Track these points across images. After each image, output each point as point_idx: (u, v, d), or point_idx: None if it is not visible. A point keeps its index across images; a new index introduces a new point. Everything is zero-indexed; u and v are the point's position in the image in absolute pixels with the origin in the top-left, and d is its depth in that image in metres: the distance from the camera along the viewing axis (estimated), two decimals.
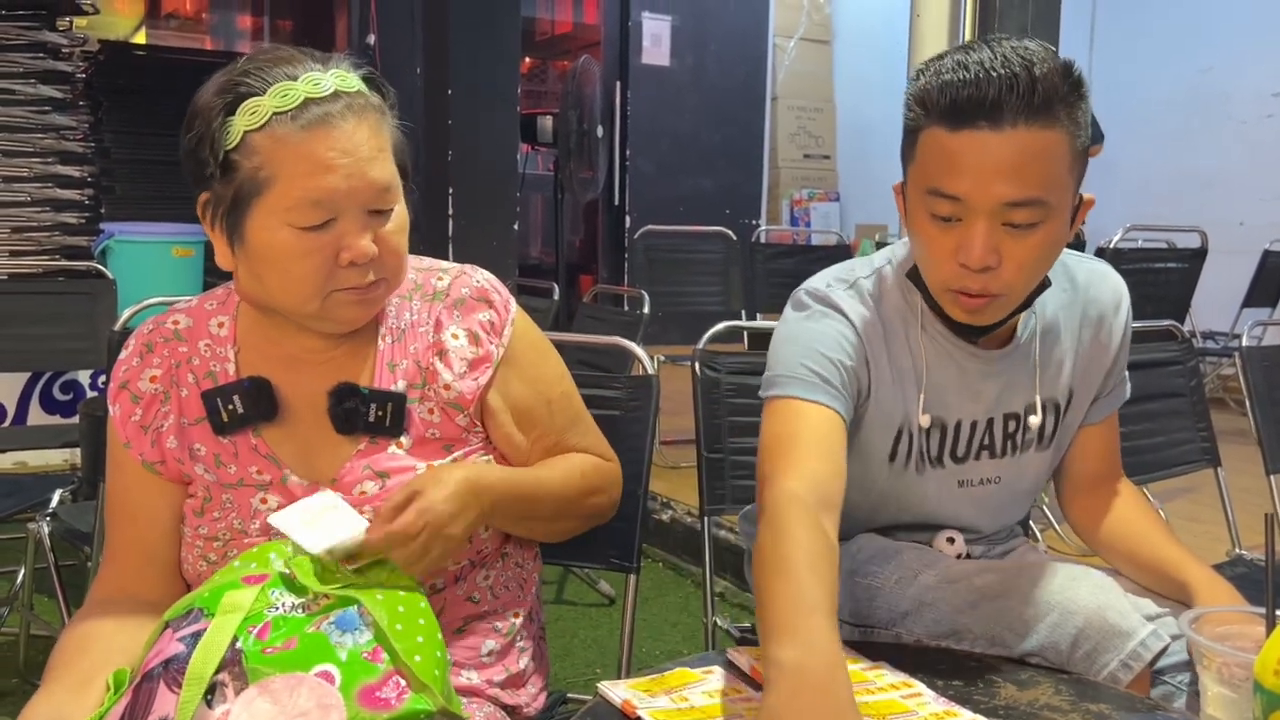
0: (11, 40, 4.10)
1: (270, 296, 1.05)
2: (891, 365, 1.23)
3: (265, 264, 1.02)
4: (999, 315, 1.17)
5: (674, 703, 0.93)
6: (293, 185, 0.98)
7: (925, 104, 1.10)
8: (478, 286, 1.15)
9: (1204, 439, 2.10)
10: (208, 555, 1.08)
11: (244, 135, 0.99)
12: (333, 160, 0.98)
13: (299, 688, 0.83)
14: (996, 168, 1.06)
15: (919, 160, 1.12)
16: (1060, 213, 1.11)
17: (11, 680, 2.39)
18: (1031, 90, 1.04)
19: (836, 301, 1.22)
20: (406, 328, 1.13)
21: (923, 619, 1.18)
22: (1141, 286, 3.90)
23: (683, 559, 3.35)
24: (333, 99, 1.00)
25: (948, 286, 1.14)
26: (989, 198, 1.07)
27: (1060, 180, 1.09)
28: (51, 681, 0.98)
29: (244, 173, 0.99)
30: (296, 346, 1.10)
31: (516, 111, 4.86)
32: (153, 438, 1.09)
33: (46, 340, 2.84)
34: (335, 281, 1.02)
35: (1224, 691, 0.89)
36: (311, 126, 0.98)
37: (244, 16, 6.48)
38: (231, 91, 1.00)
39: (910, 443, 1.25)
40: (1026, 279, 1.13)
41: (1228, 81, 5.49)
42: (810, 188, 7.21)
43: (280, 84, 0.99)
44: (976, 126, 1.06)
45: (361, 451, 1.09)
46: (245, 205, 1.00)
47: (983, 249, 1.08)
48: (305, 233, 0.99)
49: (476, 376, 1.12)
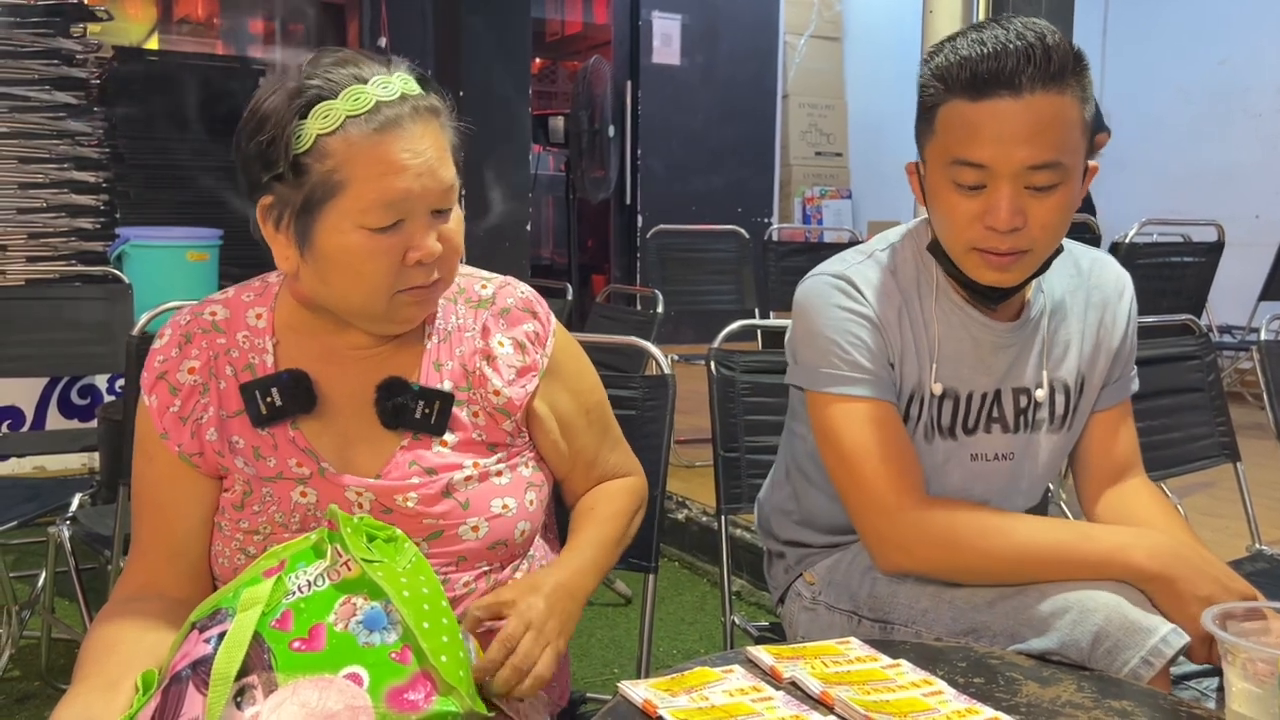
0: (26, 47, 4.13)
1: (336, 298, 1.06)
2: (908, 333, 1.27)
3: (335, 266, 1.03)
4: (1025, 273, 1.21)
5: (694, 702, 0.93)
6: (367, 188, 0.99)
7: (945, 79, 1.15)
8: (522, 298, 1.18)
9: (1223, 434, 2.09)
10: (247, 548, 1.09)
11: (316, 138, 0.99)
12: (405, 162, 1.00)
13: (328, 690, 0.84)
14: (1017, 134, 1.12)
15: (939, 134, 1.17)
16: (1075, 175, 1.17)
17: (34, 683, 2.41)
18: (1047, 59, 1.11)
19: (857, 281, 1.27)
20: (453, 330, 1.15)
21: (942, 616, 1.18)
22: (1158, 281, 3.88)
23: (699, 558, 3.35)
24: (400, 101, 1.01)
25: (973, 246, 1.19)
26: (1012, 162, 1.13)
27: (1075, 144, 1.15)
28: (79, 683, 0.98)
29: (316, 176, 1.00)
30: (339, 342, 1.11)
31: (528, 112, 4.87)
32: (192, 429, 1.09)
33: (64, 345, 2.86)
34: (402, 281, 1.04)
35: (1249, 687, 0.88)
36: (384, 129, 1.00)
37: (255, 21, 6.51)
38: (303, 95, 1.01)
39: (921, 410, 1.28)
40: (1050, 237, 1.19)
41: (1244, 74, 5.46)
42: (822, 185, 7.20)
43: (351, 87, 1.00)
44: (997, 96, 1.12)
45: (405, 447, 1.10)
46: (317, 208, 1.01)
47: (1009, 211, 1.14)
48: (376, 234, 1.01)
49: (524, 384, 1.14)
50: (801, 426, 1.37)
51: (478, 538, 1.10)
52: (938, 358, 1.27)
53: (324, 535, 0.99)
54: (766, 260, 4.45)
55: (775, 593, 1.47)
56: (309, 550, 0.98)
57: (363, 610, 0.92)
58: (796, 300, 1.31)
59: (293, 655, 0.88)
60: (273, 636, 0.90)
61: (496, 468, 1.13)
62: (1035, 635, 1.09)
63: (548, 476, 1.20)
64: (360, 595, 0.93)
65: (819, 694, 0.94)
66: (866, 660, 1.03)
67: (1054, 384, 1.32)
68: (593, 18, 7.36)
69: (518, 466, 1.15)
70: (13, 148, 4.14)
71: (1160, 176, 5.67)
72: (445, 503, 1.09)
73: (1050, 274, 1.32)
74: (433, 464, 1.10)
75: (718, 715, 0.91)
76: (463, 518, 1.09)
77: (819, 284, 1.29)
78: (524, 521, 1.13)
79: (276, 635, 0.90)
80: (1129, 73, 5.74)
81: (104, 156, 4.40)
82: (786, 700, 0.94)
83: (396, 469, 1.09)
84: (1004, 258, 1.18)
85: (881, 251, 1.31)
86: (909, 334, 1.27)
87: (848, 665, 1.02)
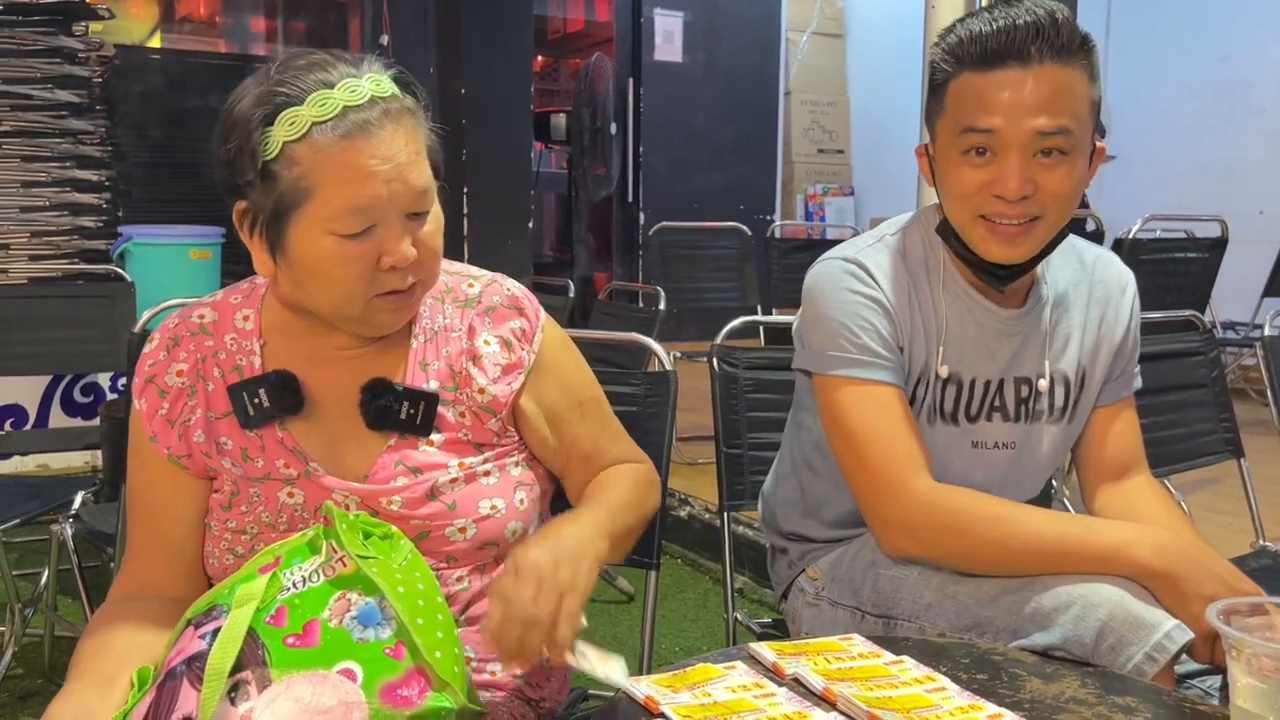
0: (28, 46, 4.13)
1: (313, 303, 1.06)
2: (916, 316, 1.28)
3: (308, 272, 1.02)
4: (1034, 247, 1.21)
5: (696, 698, 0.93)
6: (334, 194, 0.98)
7: (956, 55, 1.18)
8: (509, 294, 1.16)
9: (1226, 430, 2.08)
10: (235, 549, 1.09)
11: (284, 146, 0.99)
12: (373, 168, 0.98)
13: (322, 685, 0.83)
14: (1027, 101, 1.14)
15: (949, 107, 1.20)
16: (1082, 149, 1.18)
17: (37, 681, 2.41)
18: (1056, 31, 1.15)
19: (869, 264, 1.28)
20: (440, 329, 1.14)
21: (945, 611, 1.17)
22: (1161, 277, 3.87)
23: (701, 555, 3.34)
24: (370, 105, 1.00)
25: (980, 213, 1.20)
26: (1021, 130, 1.15)
27: (1083, 115, 1.17)
28: (75, 679, 0.98)
29: (284, 183, 0.99)
30: (326, 343, 1.11)
31: (530, 110, 4.86)
32: (180, 431, 1.10)
33: (66, 343, 2.86)
34: (376, 286, 1.03)
35: (1254, 683, 0.88)
36: (351, 135, 0.98)
37: (257, 19, 6.51)
38: (269, 102, 0.99)
39: (926, 393, 1.28)
40: (1061, 207, 1.20)
41: (1247, 70, 5.44)
42: (824, 182, 7.19)
43: (317, 92, 0.99)
44: (1007, 66, 1.15)
45: (391, 447, 1.09)
46: (286, 215, 1.00)
47: (1019, 180, 1.16)
48: (347, 240, 1.00)
49: (510, 381, 1.13)
50: (808, 416, 1.37)
51: (465, 539, 1.09)
52: (944, 341, 1.28)
53: (319, 531, 0.98)
54: (769, 257, 4.45)
55: (778, 588, 1.47)
56: (304, 546, 0.98)
57: (357, 606, 0.91)
58: (807, 284, 1.31)
59: (287, 651, 0.88)
60: (267, 632, 0.89)
61: (484, 467, 1.12)
62: (1040, 630, 1.09)
63: (540, 476, 1.19)
64: (355, 591, 0.93)
65: (821, 690, 0.94)
66: (869, 656, 1.03)
67: (1054, 375, 1.32)
68: (594, 15, 7.35)
69: (506, 466, 1.14)
70: (15, 146, 4.14)
71: (1163, 172, 5.66)
72: (431, 505, 1.08)
73: (1054, 266, 1.32)
74: (418, 463, 1.09)
75: (720, 712, 0.90)
76: (450, 519, 1.08)
77: (830, 268, 1.29)
78: (515, 521, 1.12)
79: (271, 631, 0.90)
80: (1132, 68, 5.73)
81: (106, 155, 4.40)
82: (789, 696, 0.93)
83: (383, 469, 1.09)
84: (1013, 229, 1.19)
85: (892, 236, 1.32)
86: (917, 317, 1.28)
87: (850, 662, 1.01)
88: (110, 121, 4.53)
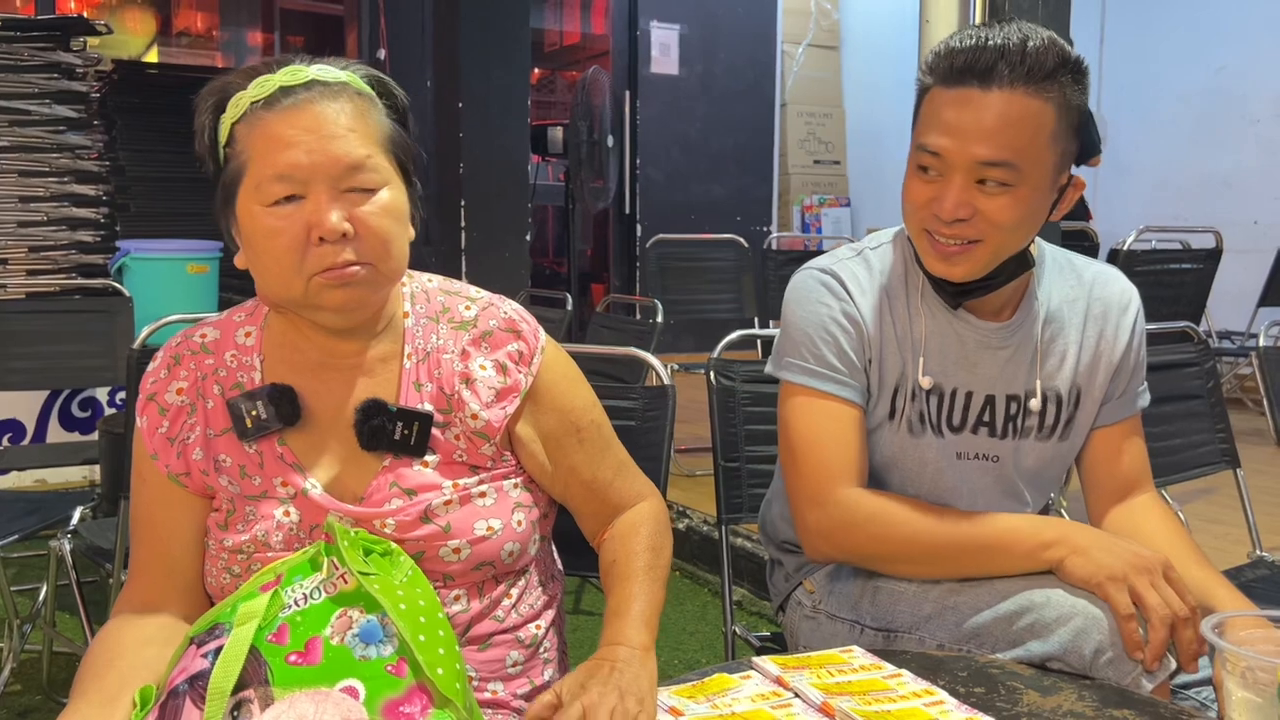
0: (26, 61, 4.14)
1: (266, 286, 1.07)
2: (894, 328, 1.29)
3: (251, 249, 1.04)
4: (974, 268, 1.22)
5: (716, 710, 0.94)
6: (262, 163, 1.01)
7: (931, 67, 1.19)
8: (505, 318, 1.15)
9: (1223, 440, 2.08)
10: (231, 568, 1.09)
11: (231, 128, 1.03)
12: (294, 137, 1.00)
13: (324, 703, 0.83)
14: (973, 128, 1.15)
15: (918, 118, 1.21)
16: (1034, 182, 1.17)
17: (36, 697, 2.40)
18: (1021, 59, 1.13)
19: (844, 276, 1.30)
20: (433, 350, 1.13)
21: (945, 623, 1.18)
22: (1156, 287, 3.88)
23: (700, 567, 3.34)
24: (306, 86, 1.02)
25: (924, 228, 1.22)
26: (964, 155, 1.15)
27: (1037, 151, 1.16)
28: (78, 699, 0.98)
29: (231, 162, 1.03)
30: (320, 351, 1.11)
31: (527, 123, 4.88)
32: (179, 449, 1.10)
33: (65, 358, 2.86)
34: (313, 262, 1.01)
35: (1248, 696, 0.88)
36: (279, 108, 1.01)
37: (255, 33, 6.52)
38: (221, 92, 1.04)
39: (908, 403, 1.29)
40: (1002, 235, 1.19)
41: (1242, 81, 5.47)
42: (821, 193, 7.21)
43: (261, 77, 1.03)
44: (967, 84, 1.15)
45: (386, 468, 1.09)
46: (233, 194, 1.04)
47: (953, 203, 1.17)
48: (273, 209, 1.01)
49: (504, 406, 1.12)
50: None
51: (460, 559, 1.09)
52: (925, 352, 1.29)
53: (320, 548, 0.99)
54: (766, 269, 4.46)
55: (776, 600, 1.47)
56: (305, 564, 0.98)
57: (359, 623, 0.91)
58: (786, 291, 1.34)
59: (289, 669, 0.88)
60: (269, 650, 0.90)
61: (480, 489, 1.11)
62: (1038, 643, 1.09)
63: (540, 499, 1.18)
64: (356, 608, 0.93)
65: (820, 704, 0.94)
66: (870, 669, 1.03)
67: (1046, 392, 1.32)
68: (591, 28, 7.38)
69: (504, 488, 1.13)
70: (13, 161, 4.14)
71: (1158, 183, 5.68)
72: (425, 527, 1.08)
73: (1047, 281, 1.32)
74: (413, 484, 1.09)
75: None
76: (444, 540, 1.08)
77: (806, 278, 1.32)
78: (512, 543, 1.11)
79: (273, 649, 0.90)
80: (1127, 80, 5.75)
81: (104, 169, 4.40)
82: (805, 709, 0.94)
83: (378, 490, 1.08)
84: (951, 248, 1.20)
85: (873, 250, 1.34)
86: (890, 330, 1.29)
87: (850, 675, 1.02)
88: (108, 136, 4.54)
